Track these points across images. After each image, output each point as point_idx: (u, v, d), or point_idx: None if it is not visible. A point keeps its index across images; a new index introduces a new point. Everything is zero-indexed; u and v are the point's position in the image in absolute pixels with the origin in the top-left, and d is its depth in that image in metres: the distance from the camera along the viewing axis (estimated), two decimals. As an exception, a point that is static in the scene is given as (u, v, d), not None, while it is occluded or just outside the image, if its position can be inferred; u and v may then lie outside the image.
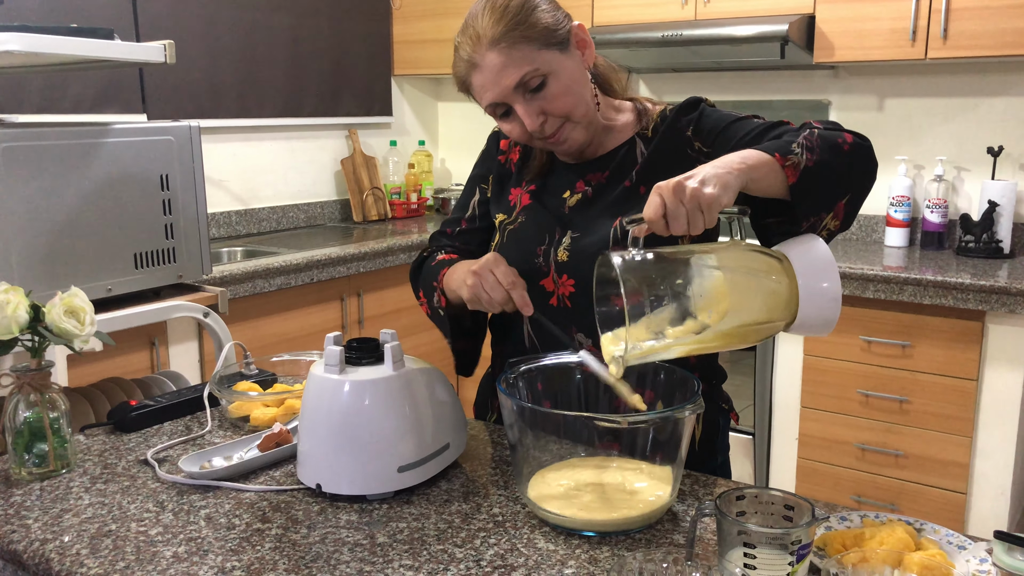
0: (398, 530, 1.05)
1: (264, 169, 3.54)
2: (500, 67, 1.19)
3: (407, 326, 3.36)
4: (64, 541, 1.03)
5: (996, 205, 2.82)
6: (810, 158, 1.09)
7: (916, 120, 3.12)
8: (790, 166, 1.08)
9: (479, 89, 1.23)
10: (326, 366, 1.14)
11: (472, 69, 1.22)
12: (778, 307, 1.04)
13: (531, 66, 1.19)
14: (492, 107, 1.24)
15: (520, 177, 1.42)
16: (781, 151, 1.08)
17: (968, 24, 2.65)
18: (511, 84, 1.20)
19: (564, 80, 1.22)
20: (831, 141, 1.13)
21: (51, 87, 2.76)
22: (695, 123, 1.29)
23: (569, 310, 1.29)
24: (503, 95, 1.21)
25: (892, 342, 2.65)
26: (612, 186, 1.32)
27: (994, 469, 2.58)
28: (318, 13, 3.62)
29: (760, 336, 1.06)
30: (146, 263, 1.84)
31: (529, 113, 1.22)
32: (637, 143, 1.33)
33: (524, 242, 1.34)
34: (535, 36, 1.20)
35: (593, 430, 1.07)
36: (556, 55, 1.22)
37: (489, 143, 1.49)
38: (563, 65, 1.22)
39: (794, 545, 0.87)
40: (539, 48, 1.20)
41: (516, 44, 1.19)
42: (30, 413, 1.20)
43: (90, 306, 1.24)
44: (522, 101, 1.21)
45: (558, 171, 1.38)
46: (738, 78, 3.44)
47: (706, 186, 0.99)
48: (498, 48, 1.19)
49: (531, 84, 1.20)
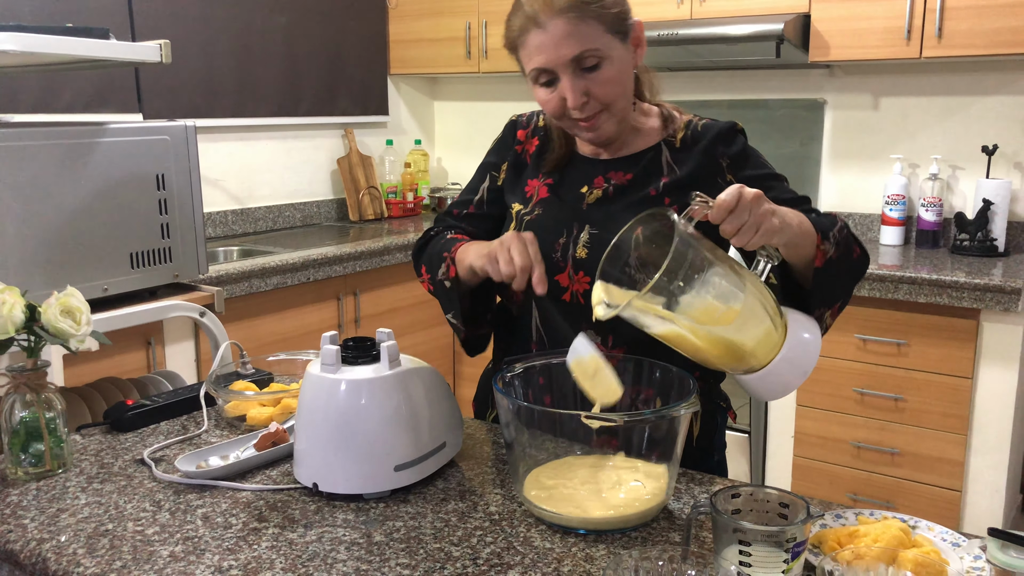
0: (394, 529, 1.05)
1: (260, 168, 3.54)
2: (563, 35, 1.18)
3: (403, 325, 3.36)
4: (61, 541, 1.03)
5: (991, 203, 2.83)
6: (835, 252, 1.16)
7: (911, 119, 3.13)
8: (822, 251, 1.14)
9: (532, 48, 1.21)
10: (322, 365, 1.14)
11: (532, 27, 1.20)
12: (762, 349, 1.08)
13: (593, 44, 1.19)
14: (538, 71, 1.22)
15: (537, 168, 1.40)
16: (823, 234, 1.14)
17: (962, 23, 2.66)
18: (568, 55, 1.19)
19: (616, 69, 1.22)
20: (848, 245, 1.20)
21: (46, 86, 2.76)
22: (732, 157, 1.30)
23: (582, 307, 1.28)
24: (556, 63, 1.20)
25: (887, 340, 2.66)
26: (635, 189, 1.31)
27: (989, 467, 2.59)
28: (314, 12, 3.62)
29: (731, 361, 1.09)
30: (142, 263, 1.84)
31: (575, 89, 1.20)
32: (663, 150, 1.33)
33: (541, 235, 1.31)
34: (606, 18, 1.20)
35: (589, 428, 1.07)
36: (617, 43, 1.22)
37: (506, 132, 1.46)
38: (619, 55, 1.22)
39: (789, 543, 0.88)
40: (605, 30, 1.20)
41: (586, 19, 1.18)
42: (26, 413, 1.20)
43: (86, 306, 1.24)
44: (571, 75, 1.20)
45: (576, 164, 1.37)
46: (734, 77, 3.44)
47: (775, 217, 1.04)
48: (567, 16, 1.17)
49: (586, 62, 1.20)
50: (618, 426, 1.05)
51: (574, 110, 1.23)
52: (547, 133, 1.41)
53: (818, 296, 1.18)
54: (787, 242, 1.09)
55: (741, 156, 1.31)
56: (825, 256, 1.15)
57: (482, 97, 4.16)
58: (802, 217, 1.14)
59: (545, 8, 1.18)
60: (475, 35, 3.64)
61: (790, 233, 1.08)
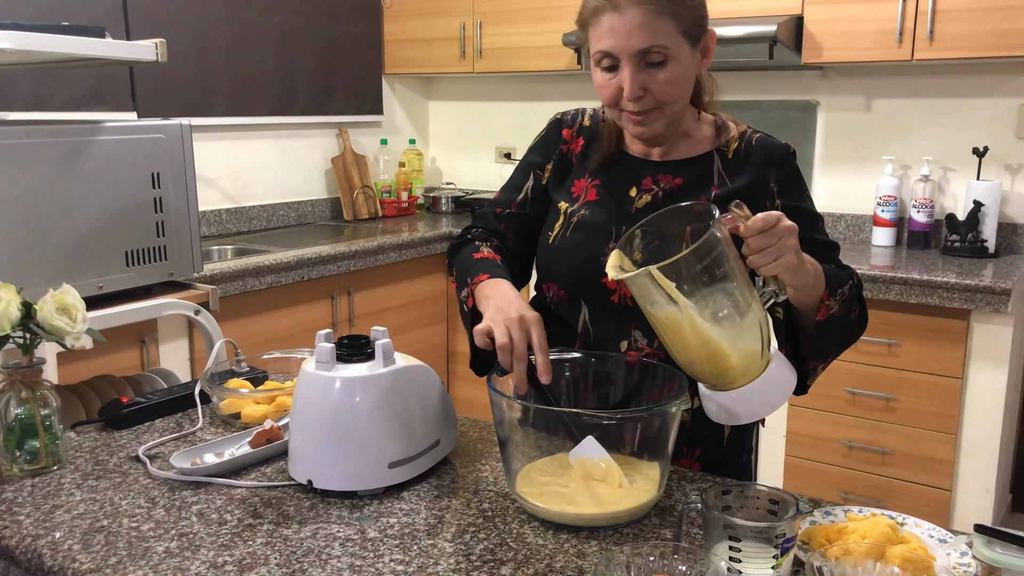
0: (388, 525, 1.06)
1: (255, 167, 3.54)
2: (637, 25, 1.17)
3: (397, 324, 3.37)
4: (56, 537, 1.03)
5: (981, 205, 2.85)
6: (838, 310, 1.19)
7: (903, 120, 3.15)
8: (826, 307, 1.17)
9: (604, 30, 1.20)
10: (317, 363, 1.14)
11: (609, 9, 1.19)
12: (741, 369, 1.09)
13: (663, 41, 1.19)
14: (603, 54, 1.22)
15: (583, 168, 1.38)
16: (831, 290, 1.18)
17: (954, 26, 2.68)
18: (637, 46, 1.18)
19: (679, 71, 1.22)
20: (850, 305, 1.23)
21: (41, 85, 2.76)
22: (783, 182, 1.31)
23: (630, 309, 1.27)
24: (623, 50, 1.19)
25: (879, 340, 2.67)
26: (685, 195, 1.30)
27: (978, 466, 2.61)
28: (309, 12, 3.62)
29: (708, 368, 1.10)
30: (137, 261, 1.84)
31: (634, 81, 1.20)
32: (715, 159, 1.32)
33: (591, 237, 1.31)
34: (683, 18, 1.20)
35: (582, 426, 1.09)
36: (686, 46, 1.22)
37: (550, 130, 1.44)
38: (686, 58, 1.22)
39: (778, 539, 0.89)
40: (678, 30, 1.20)
41: (663, 14, 1.18)
42: (22, 410, 1.21)
43: (82, 303, 1.24)
44: (634, 67, 1.20)
45: (625, 164, 1.35)
46: (727, 78, 3.43)
47: (795, 253, 1.07)
48: (646, 7, 1.17)
49: (652, 57, 1.19)
50: (610, 424, 1.07)
51: (628, 102, 1.22)
52: (593, 131, 1.39)
53: (814, 348, 1.21)
54: (798, 284, 1.11)
55: (792, 184, 1.31)
56: (828, 312, 1.18)
57: (476, 97, 4.17)
58: (819, 268, 1.16)
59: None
60: (470, 35, 3.65)
61: (803, 277, 1.10)
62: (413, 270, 3.41)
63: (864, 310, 1.28)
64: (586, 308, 1.33)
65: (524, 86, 3.97)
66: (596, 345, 1.32)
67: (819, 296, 1.17)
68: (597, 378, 1.23)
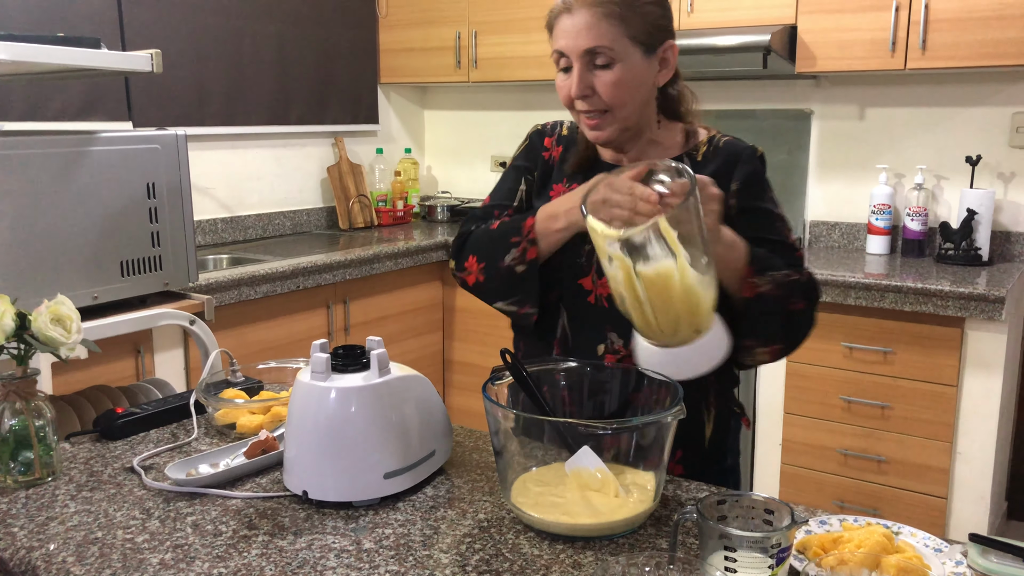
0: (384, 536, 1.06)
1: (250, 176, 3.54)
2: (585, 26, 1.24)
3: (393, 333, 3.36)
4: (50, 549, 1.03)
5: (975, 213, 2.86)
6: (771, 291, 1.23)
7: (896, 129, 3.16)
8: (751, 284, 1.23)
9: (559, 31, 1.27)
10: (313, 373, 1.14)
11: (564, 11, 1.26)
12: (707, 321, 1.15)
13: (609, 43, 1.24)
14: (558, 54, 1.28)
15: (562, 172, 1.43)
16: (757, 267, 1.23)
17: (946, 35, 2.69)
18: (583, 46, 1.24)
19: (627, 75, 1.26)
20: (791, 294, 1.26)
21: (36, 95, 2.76)
22: (743, 181, 1.33)
23: (605, 310, 1.32)
24: (571, 49, 1.25)
25: (873, 348, 2.68)
26: None
27: (974, 474, 2.61)
28: (305, 21, 3.63)
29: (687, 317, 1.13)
30: (132, 271, 1.84)
31: (580, 80, 1.26)
32: (684, 162, 1.35)
33: (568, 240, 1.34)
34: (633, 24, 1.25)
35: (577, 436, 1.09)
36: (636, 52, 1.26)
37: (533, 138, 1.48)
38: (635, 64, 1.26)
39: (774, 548, 0.89)
40: (625, 35, 1.24)
41: (609, 17, 1.23)
42: (16, 421, 1.20)
43: (76, 314, 1.24)
44: (581, 67, 1.26)
45: (598, 170, 1.37)
46: (721, 87, 3.47)
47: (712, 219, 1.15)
48: (593, 10, 1.24)
49: (599, 59, 1.25)
50: (606, 434, 1.07)
51: (577, 100, 1.28)
52: (571, 139, 1.44)
53: (746, 325, 1.25)
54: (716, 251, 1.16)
55: (753, 184, 1.33)
56: (755, 289, 1.22)
57: (472, 106, 4.18)
58: (740, 244, 1.22)
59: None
60: (465, 45, 3.66)
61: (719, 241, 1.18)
62: (409, 279, 3.41)
63: (812, 307, 1.30)
64: (565, 312, 1.37)
65: (519, 95, 3.98)
66: (574, 349, 1.36)
67: (738, 269, 1.22)
68: (592, 388, 1.24)
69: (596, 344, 1.34)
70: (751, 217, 1.30)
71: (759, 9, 2.99)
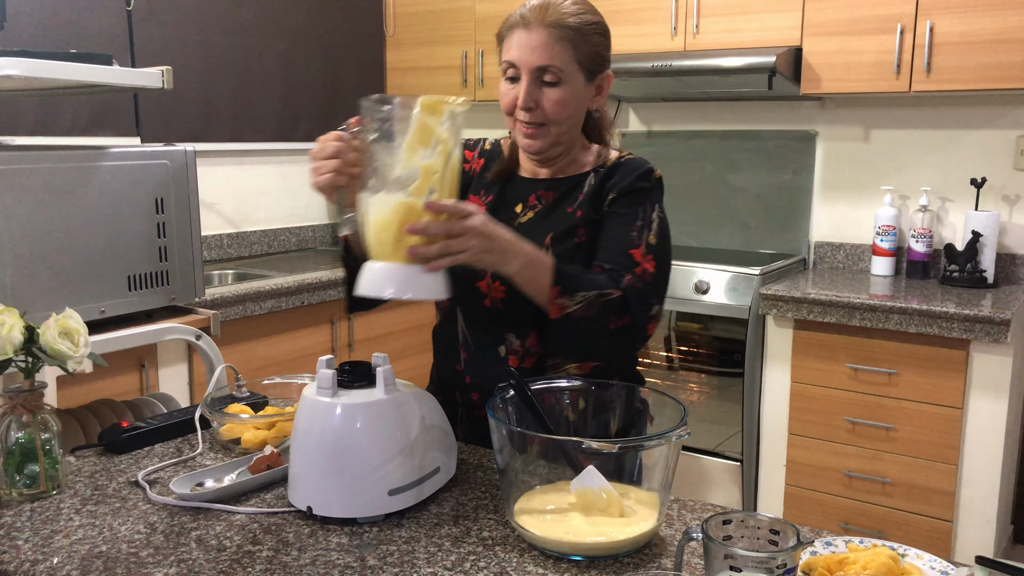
0: (388, 553, 1.05)
1: (256, 192, 3.56)
2: (540, 44, 1.33)
3: (397, 349, 3.37)
4: (54, 563, 1.03)
5: (980, 235, 2.87)
6: (580, 311, 1.26)
7: (901, 151, 3.17)
8: (557, 305, 1.25)
9: (512, 43, 1.36)
10: (318, 389, 1.15)
11: (520, 26, 1.35)
12: None
13: (560, 64, 1.34)
14: (508, 64, 1.37)
15: (481, 182, 1.52)
16: (566, 288, 1.25)
17: (951, 58, 2.71)
18: (536, 62, 1.33)
19: (569, 96, 1.36)
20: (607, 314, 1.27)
21: (46, 110, 2.78)
22: (620, 191, 1.39)
23: (500, 312, 1.41)
24: (524, 64, 1.34)
25: (878, 370, 2.67)
26: (558, 207, 1.43)
27: (980, 497, 2.59)
28: (312, 39, 3.66)
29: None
30: (140, 285, 1.85)
31: (528, 93, 1.35)
32: (590, 176, 1.44)
33: None
34: (582, 50, 1.35)
35: (582, 455, 1.09)
36: (580, 76, 1.37)
37: None
38: (578, 86, 1.37)
39: (779, 569, 0.88)
40: (574, 59, 1.35)
41: (563, 41, 1.33)
42: (22, 434, 1.21)
43: (84, 328, 1.25)
44: (530, 81, 1.35)
45: (516, 183, 1.49)
46: (726, 108, 3.49)
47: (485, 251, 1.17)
48: (550, 31, 1.33)
49: (548, 77, 1.34)
50: (610, 453, 1.07)
51: (521, 111, 1.36)
52: (493, 154, 1.54)
53: (551, 342, 1.31)
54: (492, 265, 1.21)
55: (631, 195, 1.40)
56: (562, 310, 1.25)
57: (477, 125, 4.20)
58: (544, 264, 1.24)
59: (537, 16, 1.34)
60: (471, 63, 3.68)
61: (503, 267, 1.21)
62: (413, 296, 3.41)
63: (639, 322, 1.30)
64: (462, 316, 1.46)
65: (525, 114, 4.00)
66: (476, 351, 1.43)
67: (543, 288, 1.25)
68: (597, 406, 1.24)
69: (497, 346, 1.41)
70: (612, 219, 1.38)
71: (764, 31, 3.01)
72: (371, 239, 1.15)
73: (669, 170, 3.61)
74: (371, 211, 1.14)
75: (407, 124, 1.13)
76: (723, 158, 3.50)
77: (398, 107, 1.15)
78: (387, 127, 1.14)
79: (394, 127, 1.14)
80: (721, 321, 2.98)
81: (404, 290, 1.14)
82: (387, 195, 1.13)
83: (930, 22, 2.72)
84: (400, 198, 1.12)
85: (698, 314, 3.02)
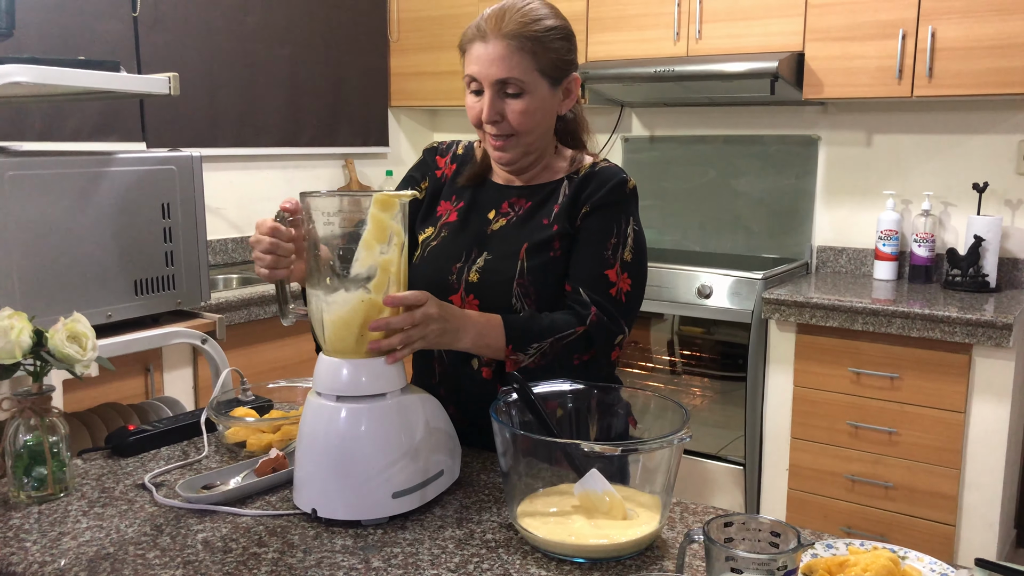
0: (392, 555, 1.06)
1: (261, 197, 3.57)
2: (498, 57, 1.31)
3: (401, 354, 3.37)
4: (62, 564, 1.04)
5: (982, 240, 2.87)
6: (536, 362, 1.29)
7: (903, 156, 3.18)
8: (512, 360, 1.29)
9: (472, 57, 1.34)
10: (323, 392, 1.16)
11: (478, 39, 1.33)
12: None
13: (520, 75, 1.32)
14: (470, 78, 1.35)
15: (453, 187, 1.50)
16: (518, 344, 1.28)
17: (953, 64, 2.72)
18: (496, 75, 1.32)
19: (534, 105, 1.34)
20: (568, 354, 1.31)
21: (52, 115, 2.80)
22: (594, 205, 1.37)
23: None
24: (484, 77, 1.33)
25: (881, 374, 2.68)
26: (533, 215, 1.42)
27: (982, 501, 2.60)
28: (317, 45, 3.68)
29: None
30: (146, 290, 1.86)
31: (491, 106, 1.34)
32: (564, 184, 1.42)
33: (441, 258, 1.43)
34: (541, 58, 1.33)
35: (584, 458, 1.09)
36: (544, 84, 1.35)
37: (426, 156, 1.56)
38: (543, 95, 1.35)
39: (780, 571, 0.89)
40: (535, 68, 1.33)
41: (521, 51, 1.31)
42: (30, 437, 1.22)
43: (92, 332, 1.26)
44: (493, 94, 1.33)
45: (488, 189, 1.47)
46: (729, 113, 3.50)
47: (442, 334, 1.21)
48: (508, 42, 1.31)
49: (510, 88, 1.33)
50: (612, 455, 1.08)
51: (486, 124, 1.35)
52: (465, 158, 1.52)
53: None
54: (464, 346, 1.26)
55: (605, 208, 1.38)
56: (517, 364, 1.28)
57: (481, 129, 4.21)
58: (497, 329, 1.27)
59: (494, 28, 1.31)
60: (475, 69, 3.69)
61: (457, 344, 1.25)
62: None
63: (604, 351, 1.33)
64: None
65: (528, 119, 4.01)
66: (450, 364, 1.42)
67: (498, 349, 1.28)
68: (600, 409, 1.25)
69: (470, 358, 1.39)
70: (586, 236, 1.37)
71: (767, 36, 3.02)
72: (330, 336, 1.15)
73: (672, 175, 3.63)
74: (330, 309, 1.14)
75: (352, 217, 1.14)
76: (726, 163, 3.51)
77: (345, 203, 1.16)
78: (330, 220, 1.14)
79: (337, 221, 1.14)
80: (724, 325, 2.99)
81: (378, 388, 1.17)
82: (347, 293, 1.13)
83: (932, 27, 2.73)
84: (361, 295, 1.13)
85: (701, 318, 3.03)
